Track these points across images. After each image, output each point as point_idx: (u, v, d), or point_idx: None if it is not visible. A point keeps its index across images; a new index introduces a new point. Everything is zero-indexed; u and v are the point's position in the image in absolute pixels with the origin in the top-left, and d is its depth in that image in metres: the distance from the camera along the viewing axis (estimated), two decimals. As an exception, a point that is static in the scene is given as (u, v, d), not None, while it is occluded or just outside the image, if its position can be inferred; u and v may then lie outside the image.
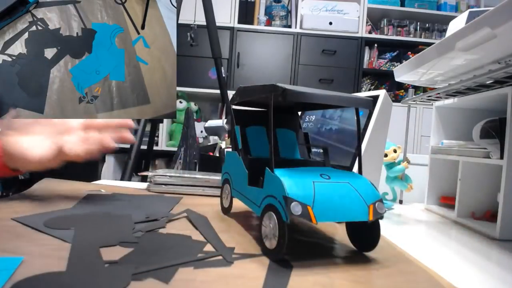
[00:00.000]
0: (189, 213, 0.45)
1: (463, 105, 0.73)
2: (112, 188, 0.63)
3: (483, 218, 0.63)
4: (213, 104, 2.84)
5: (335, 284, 0.27)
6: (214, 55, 1.49)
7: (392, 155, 0.71)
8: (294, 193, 0.30)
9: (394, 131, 0.74)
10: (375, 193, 0.33)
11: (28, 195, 0.51)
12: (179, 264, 0.28)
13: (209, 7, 1.47)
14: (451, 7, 2.72)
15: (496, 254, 0.47)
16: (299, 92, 0.32)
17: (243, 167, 0.40)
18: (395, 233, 0.53)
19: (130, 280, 0.24)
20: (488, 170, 0.62)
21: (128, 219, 0.40)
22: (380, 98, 0.57)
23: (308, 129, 0.70)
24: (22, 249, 0.30)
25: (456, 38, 0.52)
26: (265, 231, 0.32)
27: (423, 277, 0.30)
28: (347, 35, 2.60)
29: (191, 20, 1.72)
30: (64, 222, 0.38)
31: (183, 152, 1.38)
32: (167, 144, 2.56)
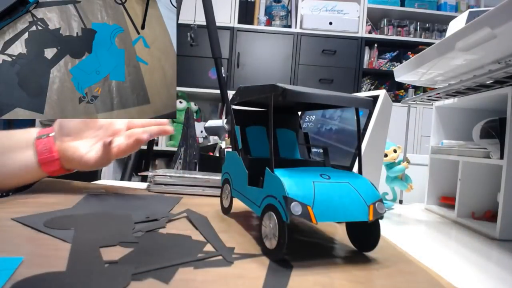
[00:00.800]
0: (189, 213, 0.45)
1: (463, 105, 0.73)
2: (112, 188, 0.63)
3: (483, 218, 0.63)
4: (213, 104, 2.84)
5: (335, 284, 0.27)
6: (214, 55, 1.49)
7: (392, 155, 0.71)
8: (294, 193, 0.30)
9: (394, 131, 0.74)
10: (375, 193, 0.33)
11: (28, 195, 0.51)
12: (179, 264, 0.28)
13: (209, 7, 1.47)
14: (451, 7, 2.72)
15: (496, 254, 0.47)
16: (299, 92, 0.32)
17: (243, 167, 0.40)
18: (395, 233, 0.53)
19: (130, 280, 0.24)
20: (488, 170, 0.62)
21: (128, 219, 0.40)
22: (380, 98, 0.57)
23: (308, 129, 0.70)
24: (22, 249, 0.30)
25: (456, 38, 0.52)
26: (265, 231, 0.32)
27: (423, 277, 0.30)
28: (347, 35, 2.60)
29: (191, 20, 1.72)
30: (64, 222, 0.38)
31: (183, 152, 1.38)
32: (167, 144, 2.56)
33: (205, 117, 2.82)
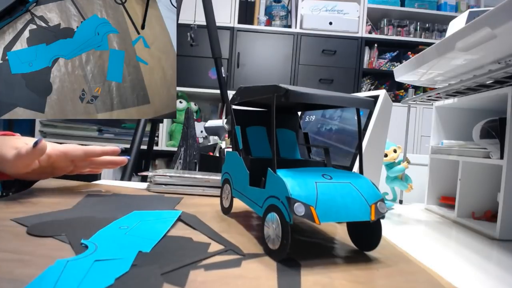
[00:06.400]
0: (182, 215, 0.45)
1: (463, 105, 0.73)
2: (112, 188, 0.63)
3: (483, 218, 0.63)
4: (213, 104, 2.84)
5: (335, 284, 0.27)
6: (214, 55, 1.49)
7: (392, 155, 0.71)
8: (297, 194, 0.30)
9: (394, 131, 0.74)
10: (376, 193, 0.33)
11: (28, 195, 0.51)
12: (193, 263, 0.28)
13: (209, 7, 1.47)
14: (451, 7, 2.72)
15: (496, 254, 0.47)
16: (302, 93, 0.32)
17: (244, 167, 0.40)
18: (395, 233, 0.53)
19: (163, 282, 0.25)
20: (488, 170, 0.62)
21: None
22: (380, 98, 0.57)
23: (308, 129, 0.70)
24: (22, 249, 0.30)
25: (456, 38, 0.52)
26: (268, 232, 0.32)
27: (423, 277, 0.30)
28: (347, 35, 2.60)
29: (191, 20, 1.72)
30: (55, 227, 0.36)
31: (183, 152, 1.38)
32: (167, 144, 2.56)
33: (205, 117, 2.82)
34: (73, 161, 0.55)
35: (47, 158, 0.52)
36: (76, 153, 0.54)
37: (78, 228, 0.36)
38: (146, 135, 1.49)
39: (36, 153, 0.46)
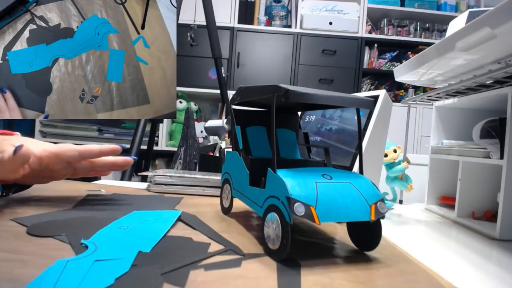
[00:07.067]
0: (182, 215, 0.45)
1: (463, 105, 0.73)
2: (112, 188, 0.63)
3: (483, 218, 0.63)
4: (213, 104, 2.84)
5: (335, 284, 0.27)
6: (214, 55, 1.49)
7: (392, 155, 0.71)
8: (297, 194, 0.30)
9: (394, 131, 0.74)
10: (376, 193, 0.33)
11: (28, 195, 0.51)
12: (193, 263, 0.28)
13: (209, 7, 1.47)
14: (451, 7, 2.72)
15: (496, 254, 0.47)
16: (302, 93, 0.32)
17: (244, 167, 0.40)
18: (395, 233, 0.53)
19: (163, 281, 0.25)
20: (488, 170, 0.62)
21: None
22: (380, 98, 0.57)
23: (308, 129, 0.70)
24: (22, 249, 0.30)
25: (456, 38, 0.52)
26: (268, 232, 0.32)
27: (423, 277, 0.30)
28: (347, 35, 2.60)
29: (191, 20, 1.72)
30: (55, 227, 0.36)
31: (183, 152, 1.38)
32: (167, 144, 2.56)
33: (205, 117, 2.82)
34: (70, 163, 0.50)
35: (39, 162, 0.48)
36: (69, 153, 0.48)
37: (78, 228, 0.36)
38: (146, 135, 1.49)
39: (17, 160, 0.42)
